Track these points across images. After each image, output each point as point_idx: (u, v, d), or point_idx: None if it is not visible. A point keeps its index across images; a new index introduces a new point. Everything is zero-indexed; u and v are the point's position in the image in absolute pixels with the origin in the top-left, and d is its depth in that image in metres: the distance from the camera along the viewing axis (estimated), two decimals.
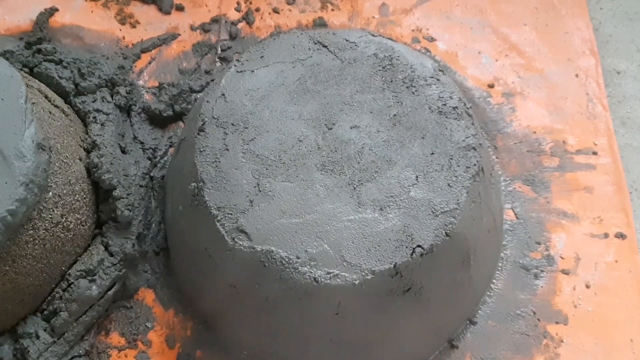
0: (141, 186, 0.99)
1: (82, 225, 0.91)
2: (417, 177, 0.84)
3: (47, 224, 0.85)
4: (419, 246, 0.79)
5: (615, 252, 0.99)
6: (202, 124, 0.88)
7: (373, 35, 0.97)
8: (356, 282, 0.77)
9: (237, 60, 0.95)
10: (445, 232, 0.80)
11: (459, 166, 0.85)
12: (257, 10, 1.23)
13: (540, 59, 1.19)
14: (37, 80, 1.00)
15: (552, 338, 0.93)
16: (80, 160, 0.94)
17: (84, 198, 0.92)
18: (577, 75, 1.17)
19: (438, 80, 0.92)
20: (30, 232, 0.83)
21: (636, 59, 1.26)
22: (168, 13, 1.22)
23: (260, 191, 0.83)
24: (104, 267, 0.91)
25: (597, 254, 0.99)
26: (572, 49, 1.20)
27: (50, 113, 0.92)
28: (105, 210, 0.95)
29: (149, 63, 1.16)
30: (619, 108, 1.20)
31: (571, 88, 1.16)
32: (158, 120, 1.09)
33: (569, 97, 1.15)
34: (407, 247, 0.79)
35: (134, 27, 1.20)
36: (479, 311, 0.95)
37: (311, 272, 0.78)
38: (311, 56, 0.94)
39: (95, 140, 0.97)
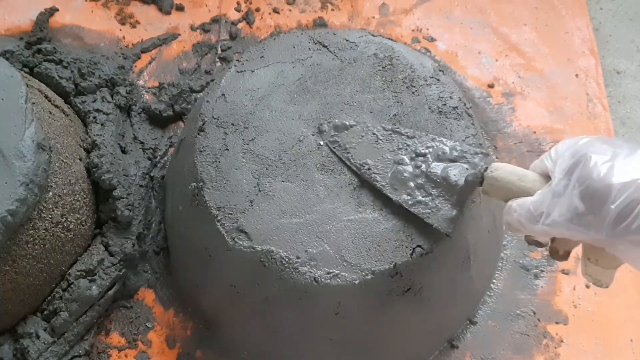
0: (141, 186, 0.99)
1: (82, 225, 0.91)
2: None
3: (47, 224, 0.85)
4: (419, 246, 0.79)
5: None
6: (202, 124, 0.88)
7: (373, 35, 0.97)
8: (356, 282, 0.77)
9: (237, 60, 0.95)
10: (445, 232, 0.80)
11: None
12: (257, 10, 1.23)
13: (540, 59, 1.19)
14: (37, 80, 1.00)
15: (552, 338, 0.93)
16: (80, 160, 0.94)
17: (84, 198, 0.92)
18: (577, 75, 1.17)
19: (438, 80, 0.92)
20: (30, 232, 0.83)
21: (636, 59, 1.26)
22: (168, 13, 1.22)
23: (260, 191, 0.83)
24: (104, 267, 0.91)
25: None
26: (572, 49, 1.20)
27: (50, 113, 0.92)
28: (105, 210, 0.95)
29: (149, 63, 1.16)
30: (619, 108, 1.20)
31: (571, 88, 1.16)
32: (158, 120, 1.09)
33: (569, 97, 1.15)
34: (407, 247, 0.79)
35: (134, 27, 1.20)
36: (479, 311, 0.95)
37: (311, 272, 0.78)
38: (311, 56, 0.94)
39: (95, 140, 0.97)
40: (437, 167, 0.78)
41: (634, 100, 1.21)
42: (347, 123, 0.86)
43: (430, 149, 0.80)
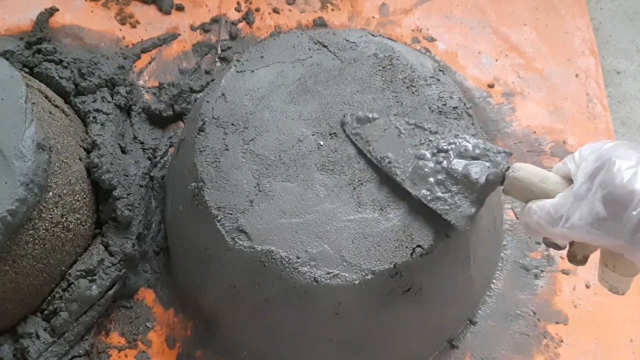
0: (141, 186, 0.99)
1: (82, 225, 0.91)
2: None
3: (47, 224, 0.85)
4: (419, 246, 0.79)
5: None
6: (202, 124, 0.88)
7: (373, 35, 0.97)
8: (356, 282, 0.77)
9: (237, 60, 0.95)
10: (445, 232, 0.80)
11: None
12: (257, 10, 1.23)
13: (540, 59, 1.19)
14: (37, 80, 1.00)
15: (552, 338, 0.93)
16: (80, 160, 0.94)
17: (84, 198, 0.92)
18: (577, 75, 1.17)
19: (438, 80, 0.92)
20: (30, 232, 0.83)
21: (636, 59, 1.26)
22: (168, 13, 1.22)
23: (260, 191, 0.83)
24: (104, 267, 0.91)
25: (597, 254, 0.99)
26: (572, 49, 1.20)
27: (50, 113, 0.92)
28: (105, 210, 0.95)
29: (149, 63, 1.16)
30: (619, 108, 1.20)
31: (571, 88, 1.16)
32: (158, 120, 1.09)
33: (569, 97, 1.15)
34: (407, 247, 0.79)
35: (134, 27, 1.20)
36: (479, 311, 0.95)
37: (311, 272, 0.78)
38: (311, 56, 0.94)
39: (95, 140, 0.97)
40: (459, 164, 0.78)
41: (634, 100, 1.21)
42: (370, 116, 0.86)
43: (453, 146, 0.80)
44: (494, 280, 0.97)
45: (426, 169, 0.79)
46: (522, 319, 0.94)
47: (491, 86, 1.16)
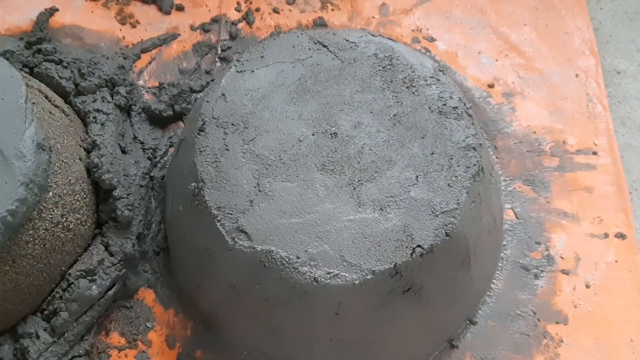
0: (141, 186, 0.99)
1: (82, 225, 0.91)
2: (417, 177, 0.84)
3: (47, 224, 0.85)
4: (419, 246, 0.79)
5: (615, 252, 0.99)
6: (202, 124, 0.88)
7: (373, 35, 0.97)
8: (356, 282, 0.77)
9: (237, 60, 0.95)
10: (445, 232, 0.80)
11: (459, 166, 0.85)
12: (257, 10, 1.23)
13: (540, 59, 1.19)
14: (37, 80, 1.00)
15: (552, 338, 0.93)
16: (80, 160, 0.94)
17: (84, 198, 0.92)
18: (577, 75, 1.17)
19: (438, 80, 0.92)
20: (30, 232, 0.83)
21: (636, 59, 1.26)
22: (168, 13, 1.22)
23: (260, 191, 0.83)
24: (104, 267, 0.91)
25: (597, 254, 0.99)
26: (572, 49, 1.20)
27: (50, 113, 0.92)
28: (105, 210, 0.95)
29: (149, 63, 1.16)
30: (619, 108, 1.20)
31: (571, 88, 1.16)
32: (158, 120, 1.09)
33: (569, 97, 1.15)
34: (407, 247, 0.79)
35: (134, 27, 1.20)
36: (479, 311, 0.95)
37: (311, 272, 0.78)
38: (311, 56, 0.94)
39: (95, 140, 0.97)
40: None
41: (634, 100, 1.21)
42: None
43: None
44: (494, 280, 0.97)
45: None
46: (522, 319, 0.94)
47: (491, 86, 1.16)
